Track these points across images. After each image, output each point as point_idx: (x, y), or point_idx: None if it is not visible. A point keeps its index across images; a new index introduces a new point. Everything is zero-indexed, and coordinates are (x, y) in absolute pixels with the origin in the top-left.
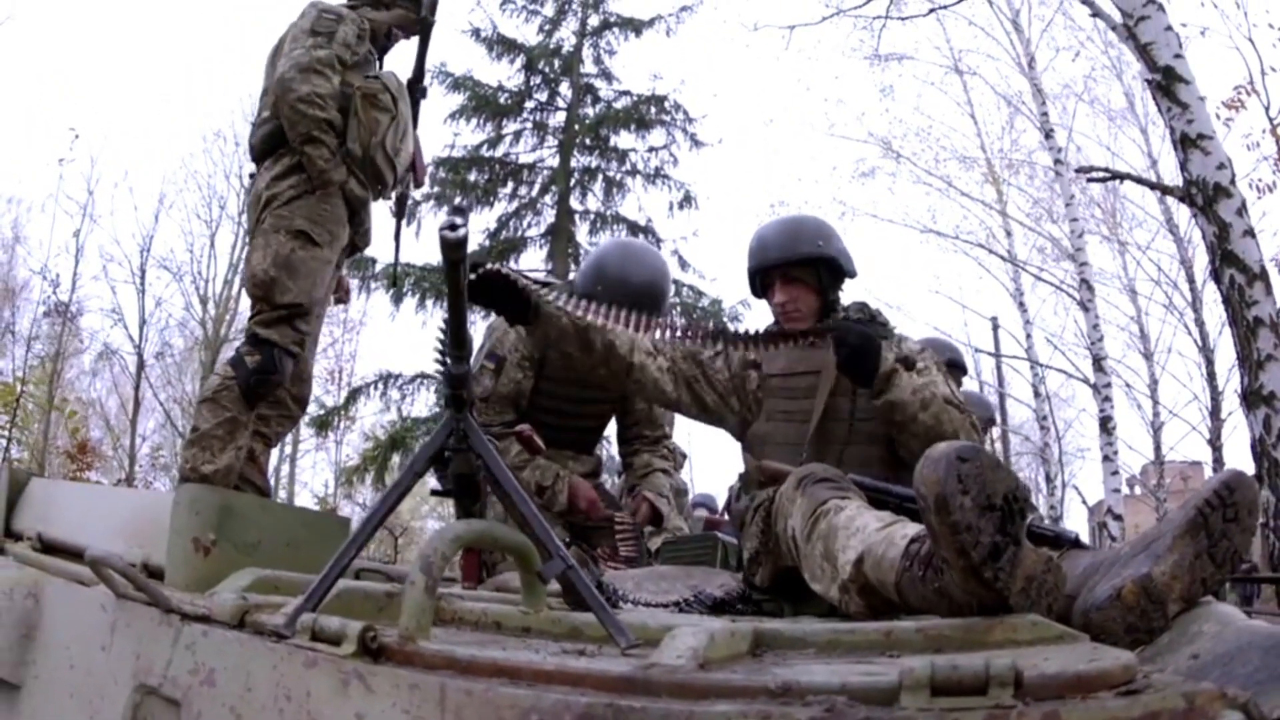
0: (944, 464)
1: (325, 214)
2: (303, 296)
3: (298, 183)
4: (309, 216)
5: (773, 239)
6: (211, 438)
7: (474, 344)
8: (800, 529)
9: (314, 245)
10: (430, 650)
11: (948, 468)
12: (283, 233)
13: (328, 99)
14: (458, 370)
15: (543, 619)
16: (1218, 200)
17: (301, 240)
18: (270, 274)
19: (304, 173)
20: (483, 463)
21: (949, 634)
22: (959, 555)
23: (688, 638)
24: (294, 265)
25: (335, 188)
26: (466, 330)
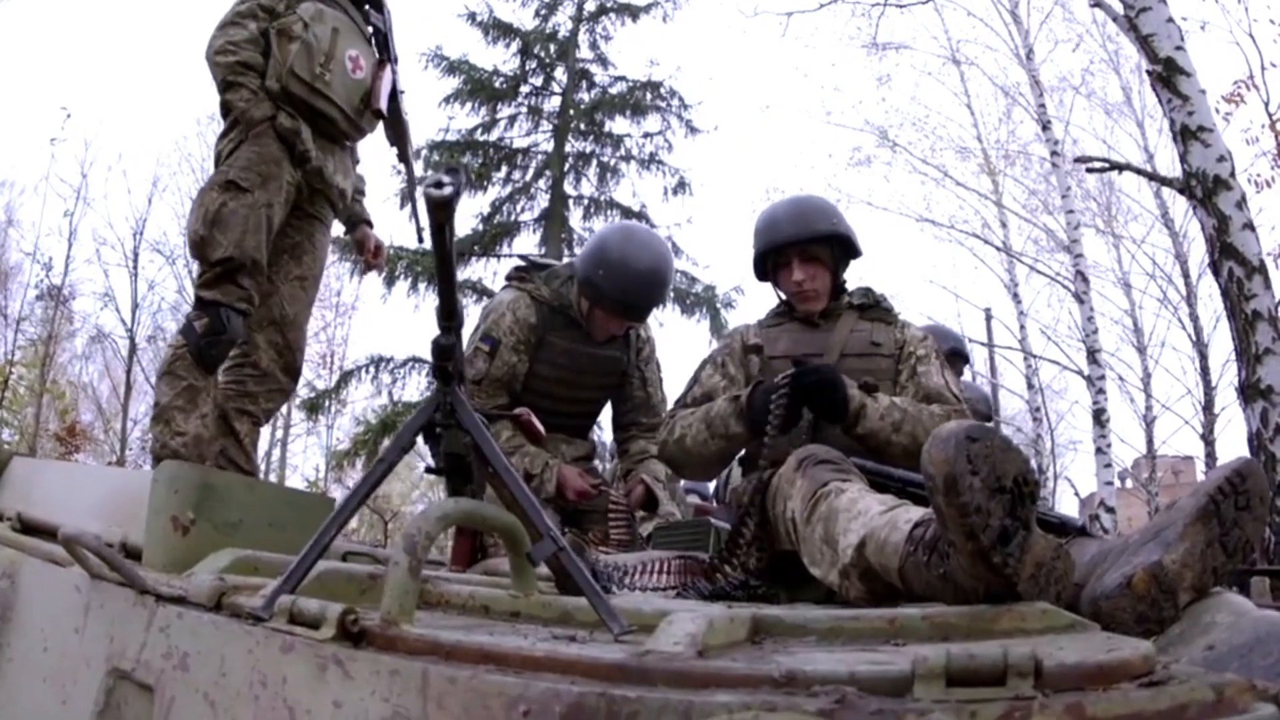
0: (953, 443)
1: (255, 156)
2: (234, 249)
3: (235, 135)
4: (240, 165)
5: (785, 217)
6: (173, 410)
7: (465, 318)
8: (800, 511)
9: (242, 191)
10: (413, 635)
11: (957, 447)
12: (215, 188)
13: (242, 44)
14: (445, 341)
15: (532, 603)
16: (1217, 193)
17: (231, 191)
18: (201, 233)
19: (240, 124)
20: (471, 440)
21: (955, 621)
22: (967, 538)
23: (685, 623)
24: (223, 219)
25: (265, 126)
26: (455, 299)
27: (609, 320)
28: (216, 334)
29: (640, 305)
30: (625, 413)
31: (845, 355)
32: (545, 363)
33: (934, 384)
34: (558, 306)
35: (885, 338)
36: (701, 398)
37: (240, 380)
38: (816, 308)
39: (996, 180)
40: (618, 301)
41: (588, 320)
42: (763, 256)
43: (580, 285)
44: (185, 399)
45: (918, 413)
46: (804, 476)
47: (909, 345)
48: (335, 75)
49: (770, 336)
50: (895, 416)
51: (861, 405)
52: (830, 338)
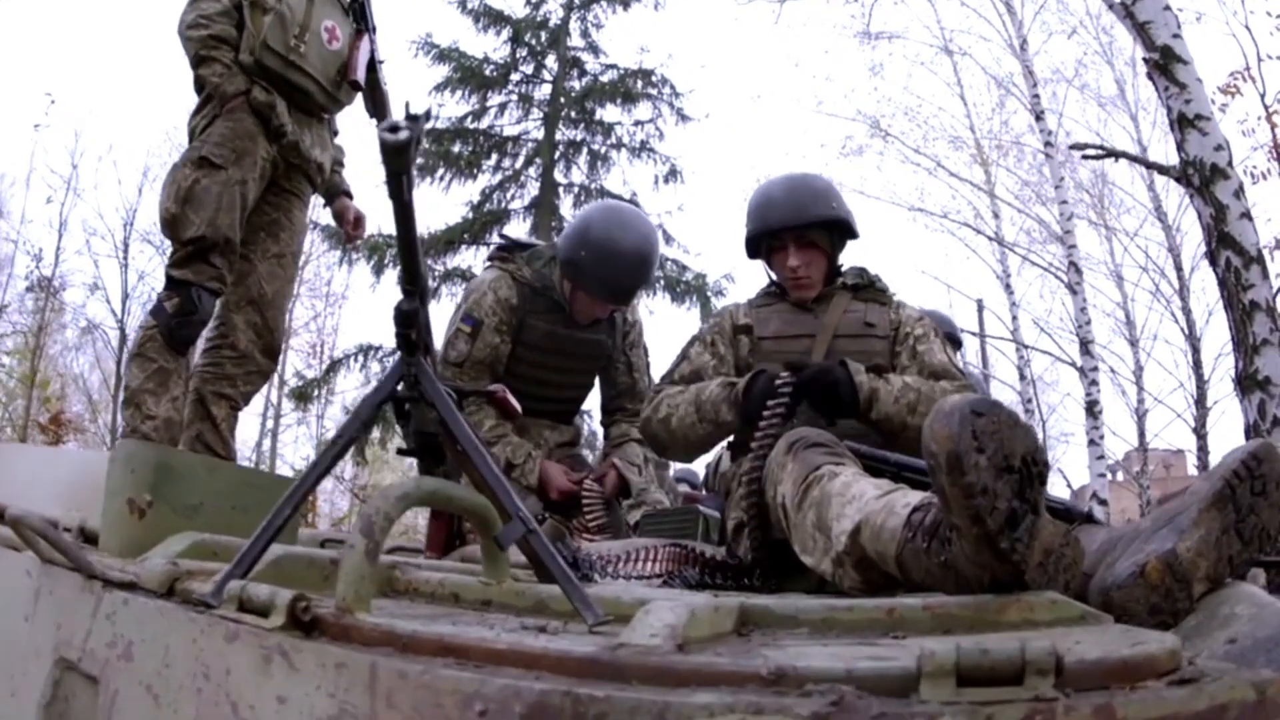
0: (957, 418)
1: (228, 132)
2: (206, 228)
3: (208, 111)
4: (214, 140)
5: (782, 200)
6: (143, 393)
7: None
8: (791, 496)
9: (215, 168)
10: (368, 624)
11: (961, 422)
12: (188, 165)
13: (215, 17)
14: (408, 307)
15: (505, 591)
16: (1215, 181)
17: (204, 168)
18: (173, 211)
19: (213, 99)
20: (436, 413)
21: (958, 613)
22: (972, 522)
23: (664, 613)
24: (195, 197)
25: (239, 101)
26: (419, 260)
27: (592, 303)
28: (187, 314)
29: (624, 289)
30: (611, 398)
31: (838, 337)
32: (526, 345)
33: (938, 361)
34: (539, 288)
35: (880, 318)
36: (690, 375)
37: (218, 362)
38: (810, 294)
39: (989, 171)
40: (601, 284)
41: (570, 302)
42: (755, 240)
43: (562, 266)
44: (156, 382)
45: (931, 391)
46: (795, 460)
47: (905, 325)
48: (310, 47)
49: (760, 317)
50: (910, 398)
51: (873, 391)
52: (823, 319)
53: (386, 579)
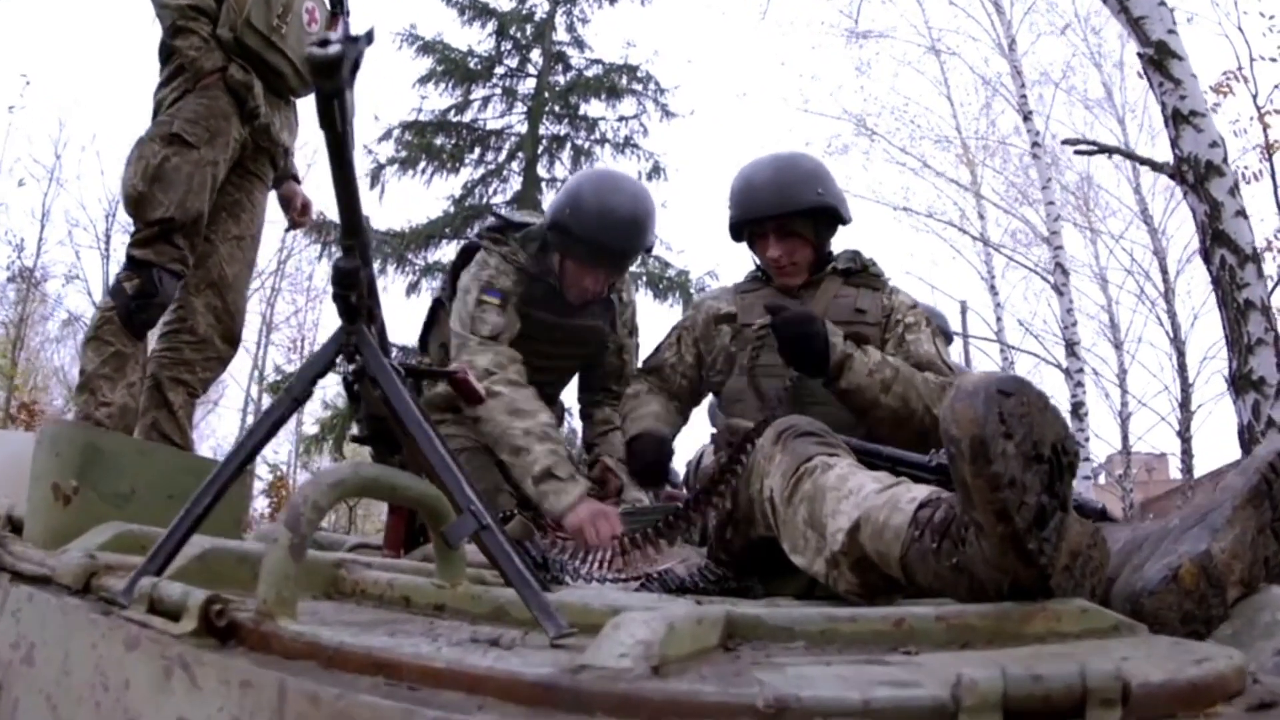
0: (983, 398)
1: (202, 109)
2: (175, 209)
3: (179, 84)
4: (186, 117)
5: (765, 185)
6: (99, 378)
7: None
8: (779, 490)
9: (188, 147)
10: (290, 633)
11: (987, 403)
12: (157, 140)
13: None
14: (347, 265)
15: (460, 595)
16: (1209, 178)
17: (175, 145)
18: (139, 188)
19: (186, 72)
20: (380, 392)
21: (976, 624)
22: (997, 519)
23: (636, 627)
24: (165, 176)
25: (215, 78)
26: (358, 208)
27: (583, 273)
28: (148, 296)
29: (616, 249)
30: (597, 378)
31: None
32: (522, 336)
33: (924, 352)
34: (536, 275)
35: (871, 304)
36: (654, 369)
37: (176, 347)
38: (795, 282)
39: (975, 171)
40: (591, 245)
41: (560, 277)
42: (738, 226)
43: (550, 232)
44: (112, 366)
45: (911, 375)
46: (784, 451)
47: (896, 312)
48: (291, 28)
49: (745, 304)
50: (885, 374)
51: (846, 357)
52: (811, 305)
53: (331, 579)
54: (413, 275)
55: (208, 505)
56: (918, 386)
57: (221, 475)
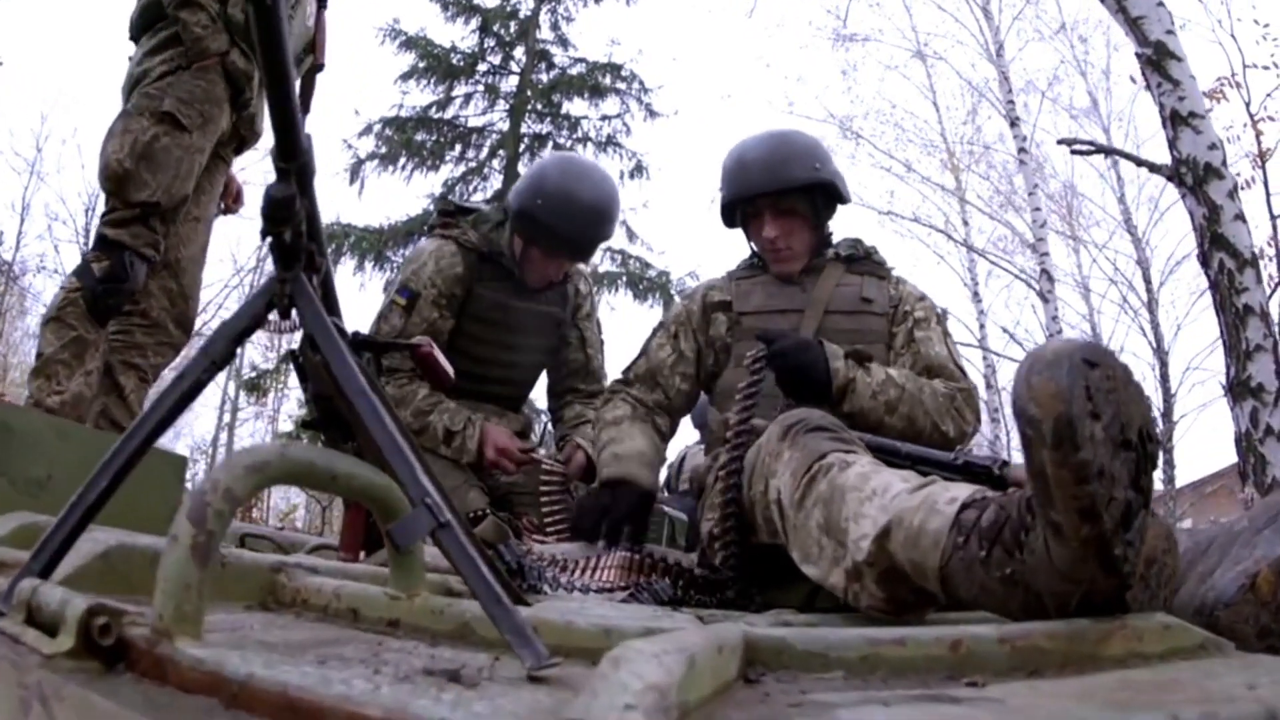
0: (1066, 369)
1: (198, 92)
2: (161, 194)
3: (172, 57)
4: (180, 95)
5: (758, 161)
6: (56, 363)
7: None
8: (789, 492)
9: (180, 130)
10: (189, 659)
11: (1072, 374)
12: (147, 115)
13: None
14: (281, 193)
15: (418, 608)
16: (1208, 181)
17: (167, 125)
18: (125, 165)
19: (180, 45)
20: (320, 357)
21: (1047, 645)
22: (1083, 518)
23: (645, 663)
24: (154, 156)
25: (214, 61)
26: (295, 120)
27: (546, 261)
28: (118, 281)
29: (583, 240)
30: (562, 378)
31: (830, 312)
32: (473, 318)
33: (935, 354)
34: (488, 253)
35: (878, 293)
36: (645, 374)
37: (127, 330)
38: (793, 268)
39: (960, 177)
40: (557, 236)
41: (522, 262)
42: (730, 206)
43: (514, 220)
44: (71, 352)
45: (917, 390)
46: (793, 447)
47: (905, 303)
48: (297, 18)
49: (741, 291)
50: (890, 395)
51: (849, 380)
52: (812, 293)
53: (268, 586)
54: (391, 272)
55: (104, 490)
56: (924, 403)
57: (120, 455)
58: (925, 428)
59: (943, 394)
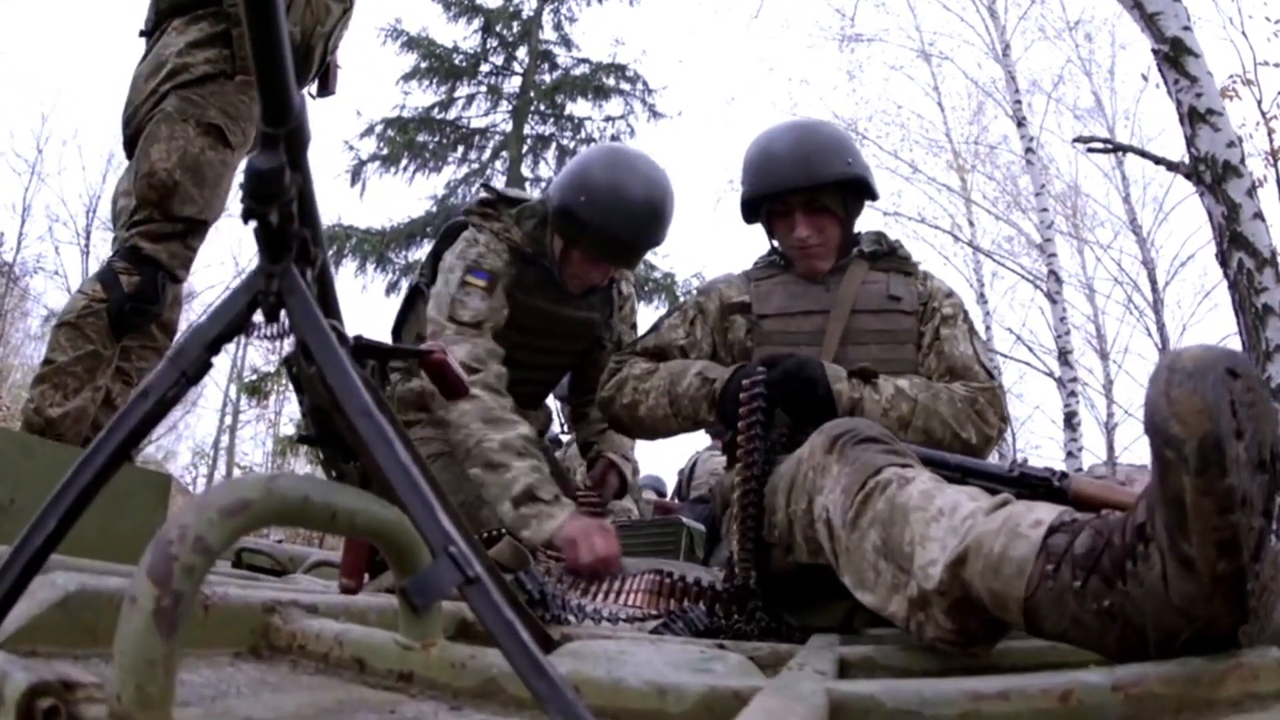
0: (1212, 381)
1: (243, 108)
2: (206, 210)
3: (217, 58)
4: (224, 108)
5: (788, 155)
6: (68, 374)
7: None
8: (839, 510)
9: (226, 146)
10: None
11: (1218, 388)
12: (193, 124)
13: None
14: (266, 163)
15: (435, 661)
16: (1227, 179)
17: (212, 138)
18: (175, 177)
19: (227, 47)
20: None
21: (1162, 690)
22: (1221, 552)
23: None
24: (201, 170)
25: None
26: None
27: (589, 266)
28: (147, 302)
29: (630, 244)
30: (589, 380)
31: (857, 313)
32: (510, 326)
33: (960, 354)
34: (532, 255)
35: (905, 291)
36: (654, 350)
37: (125, 345)
38: (823, 268)
39: (965, 177)
40: (603, 240)
41: (561, 265)
42: (754, 203)
43: (556, 218)
44: (85, 366)
45: (931, 400)
46: (842, 461)
47: (934, 299)
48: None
49: (761, 291)
50: (902, 409)
51: (854, 402)
52: (836, 293)
53: (260, 628)
54: (393, 274)
55: (52, 533)
56: (941, 413)
57: (73, 487)
58: (944, 438)
59: (961, 398)
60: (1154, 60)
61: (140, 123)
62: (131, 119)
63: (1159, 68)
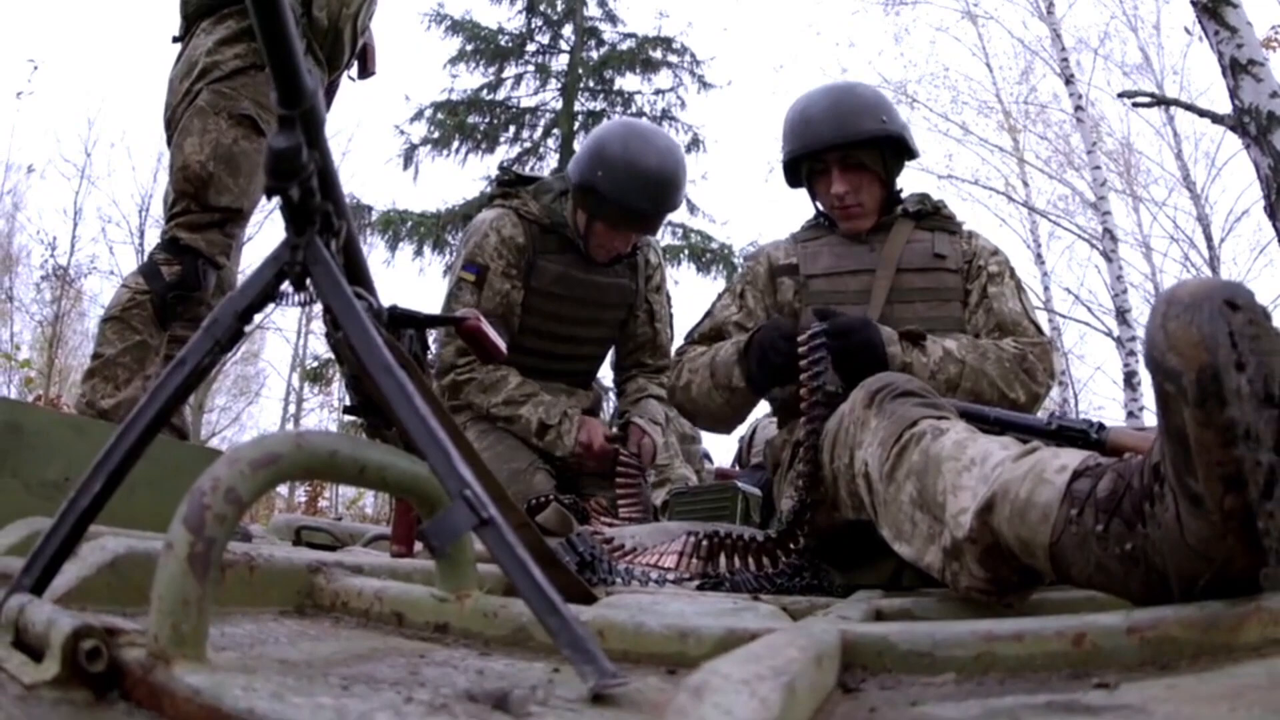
0: (1208, 313)
1: (267, 98)
2: (242, 199)
3: (245, 52)
4: (256, 99)
5: (823, 115)
6: (117, 365)
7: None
8: (877, 463)
9: (258, 134)
10: (186, 688)
11: (1214, 320)
12: (225, 116)
13: None
14: (283, 144)
15: (469, 611)
16: (1272, 130)
17: (245, 128)
18: (209, 168)
19: (254, 41)
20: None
21: (1179, 634)
22: (1227, 487)
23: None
24: (235, 159)
25: None
26: (296, 59)
27: (612, 235)
28: (189, 289)
29: (649, 211)
30: (628, 352)
31: (903, 271)
32: (537, 292)
33: (1009, 310)
34: (549, 225)
35: (950, 249)
36: (710, 333)
37: (177, 336)
38: (864, 226)
39: (1017, 137)
40: (622, 207)
41: (586, 237)
42: (794, 163)
43: (576, 193)
44: (134, 356)
45: (979, 361)
46: (880, 414)
47: (979, 257)
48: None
49: (808, 253)
50: (950, 371)
51: (905, 366)
52: (882, 252)
53: (305, 588)
54: (450, 256)
55: (98, 493)
56: (988, 373)
57: (116, 451)
58: (993, 398)
59: (1010, 357)
60: (1194, 12)
61: (178, 122)
62: (171, 120)
63: (1199, 20)
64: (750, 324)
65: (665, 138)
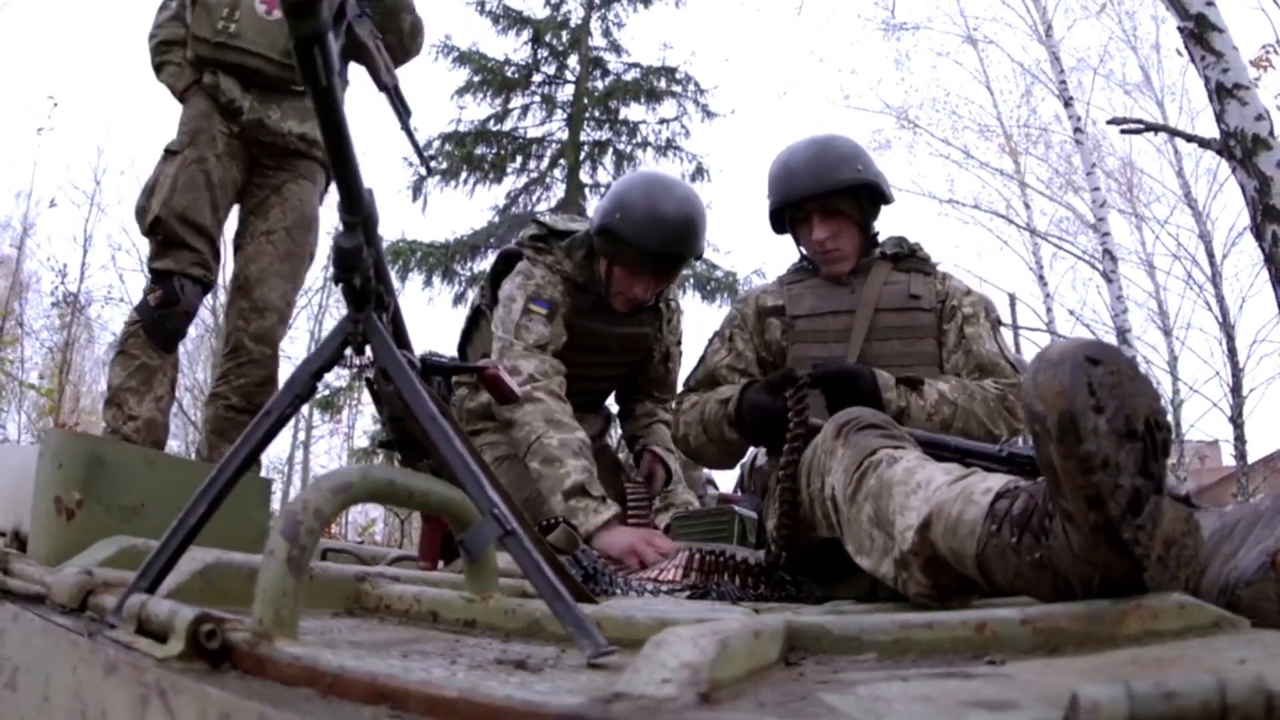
0: (1069, 367)
1: (184, 117)
2: (160, 208)
3: None
4: (177, 131)
5: (804, 166)
6: (125, 392)
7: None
8: (842, 488)
9: (173, 155)
10: (287, 656)
11: (1074, 373)
12: (157, 164)
13: (164, 23)
14: (348, 243)
15: (492, 609)
16: (1257, 152)
17: (165, 158)
18: (140, 204)
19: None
20: (394, 387)
21: (1067, 626)
22: (1089, 506)
23: (682, 645)
24: (153, 184)
25: (193, 89)
26: (357, 177)
27: (631, 280)
28: (170, 305)
29: (668, 254)
30: (639, 385)
31: (880, 310)
32: (570, 347)
33: (986, 352)
34: (583, 284)
35: (924, 290)
36: (704, 379)
37: (224, 373)
38: (843, 269)
39: (1018, 160)
40: (641, 250)
41: (607, 284)
42: (778, 212)
43: (597, 238)
44: (139, 380)
45: (969, 402)
46: (846, 445)
47: (951, 298)
48: (244, 23)
49: (793, 294)
50: (944, 413)
51: (902, 410)
52: (861, 293)
53: (354, 594)
54: (459, 286)
55: (203, 515)
56: (977, 413)
57: (217, 481)
58: (980, 435)
59: (994, 396)
60: (1181, 38)
61: None
62: None
63: (1186, 45)
64: (741, 365)
65: (686, 186)
